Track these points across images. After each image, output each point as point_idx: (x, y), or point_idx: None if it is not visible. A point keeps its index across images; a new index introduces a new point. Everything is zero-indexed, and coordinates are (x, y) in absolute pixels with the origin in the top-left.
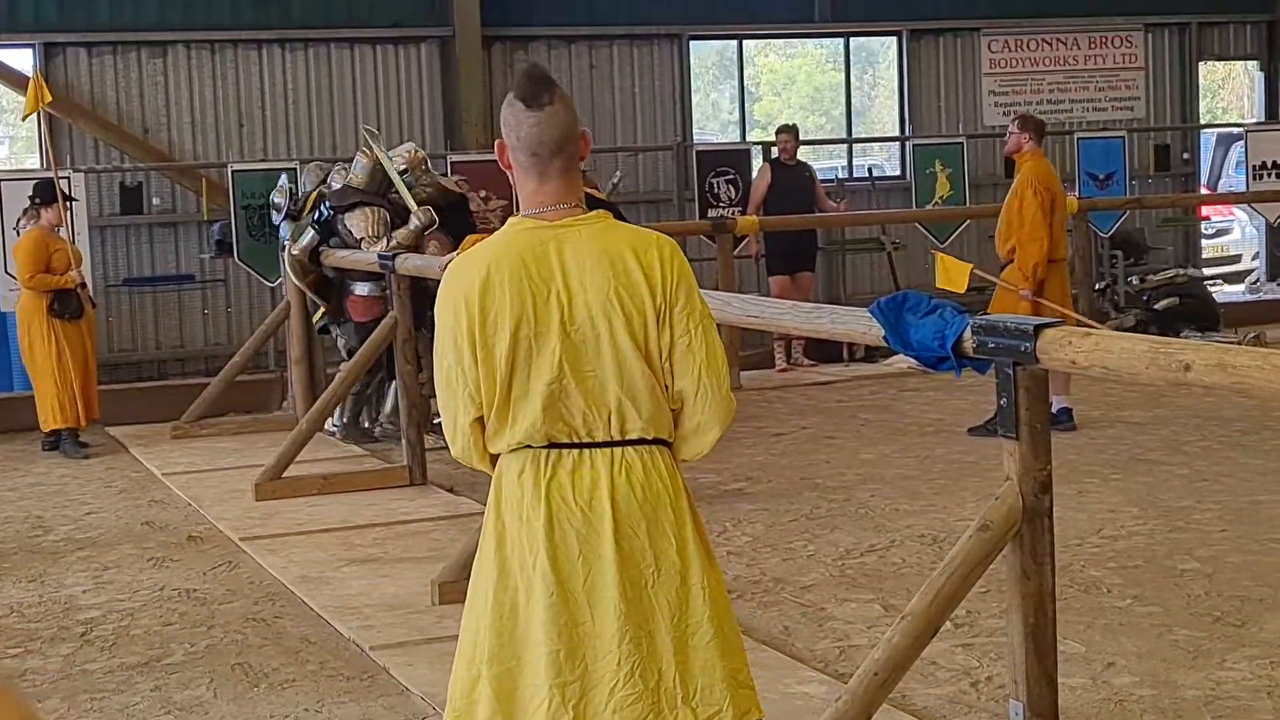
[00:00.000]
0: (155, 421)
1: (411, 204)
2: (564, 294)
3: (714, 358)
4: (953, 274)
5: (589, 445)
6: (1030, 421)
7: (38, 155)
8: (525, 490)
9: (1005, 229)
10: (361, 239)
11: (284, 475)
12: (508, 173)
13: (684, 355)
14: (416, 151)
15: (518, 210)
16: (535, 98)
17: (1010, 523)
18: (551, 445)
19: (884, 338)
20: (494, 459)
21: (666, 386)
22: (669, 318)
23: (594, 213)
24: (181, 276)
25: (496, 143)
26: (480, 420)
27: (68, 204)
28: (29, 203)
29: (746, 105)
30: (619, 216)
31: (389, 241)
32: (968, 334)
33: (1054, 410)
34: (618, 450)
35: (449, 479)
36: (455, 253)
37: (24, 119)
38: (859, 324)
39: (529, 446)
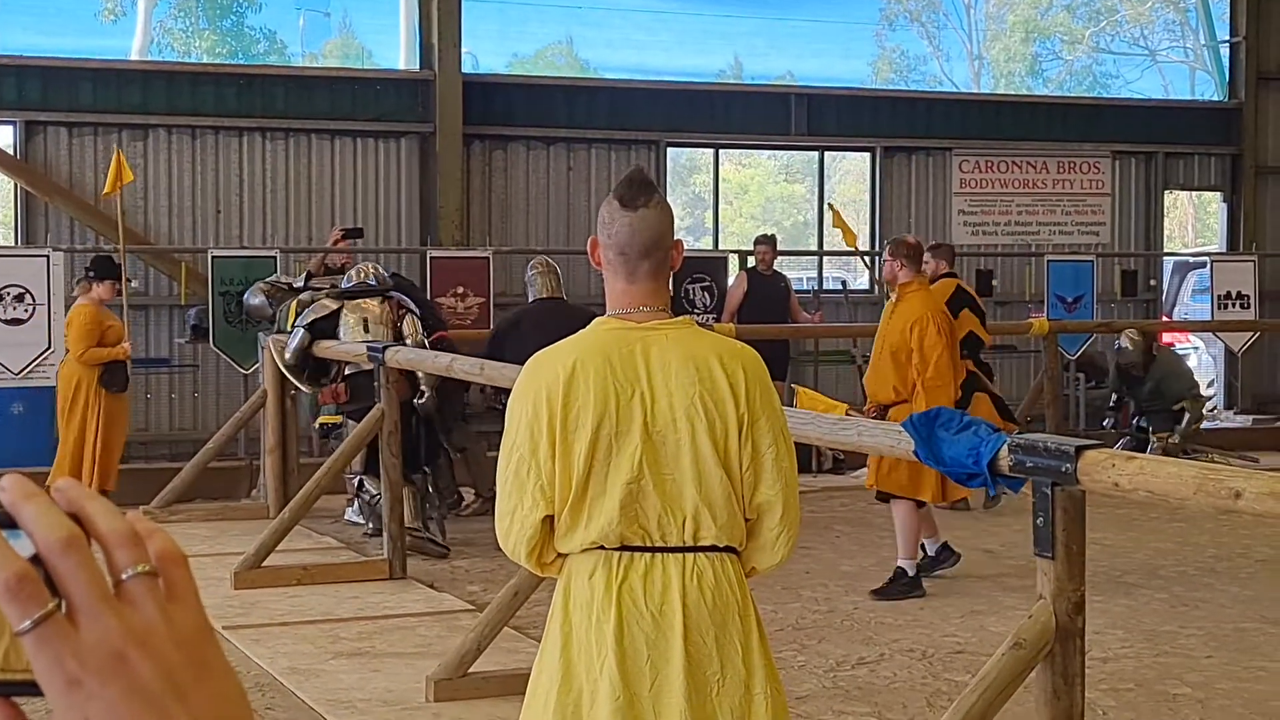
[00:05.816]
0: (122, 505)
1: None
2: (648, 395)
3: (794, 473)
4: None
5: (662, 550)
6: (1066, 542)
7: (11, 233)
8: (596, 592)
9: (891, 369)
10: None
11: (263, 564)
12: (598, 269)
13: (771, 467)
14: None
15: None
16: (632, 200)
17: (1043, 641)
18: (624, 547)
19: (914, 451)
20: (551, 560)
21: (742, 496)
22: (751, 429)
23: (680, 318)
24: (156, 360)
25: (590, 239)
26: (549, 518)
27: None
28: (84, 274)
29: (698, 212)
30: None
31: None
32: (1004, 452)
33: (932, 553)
34: (689, 556)
35: (429, 575)
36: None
37: (104, 197)
38: (887, 438)
39: (601, 547)
